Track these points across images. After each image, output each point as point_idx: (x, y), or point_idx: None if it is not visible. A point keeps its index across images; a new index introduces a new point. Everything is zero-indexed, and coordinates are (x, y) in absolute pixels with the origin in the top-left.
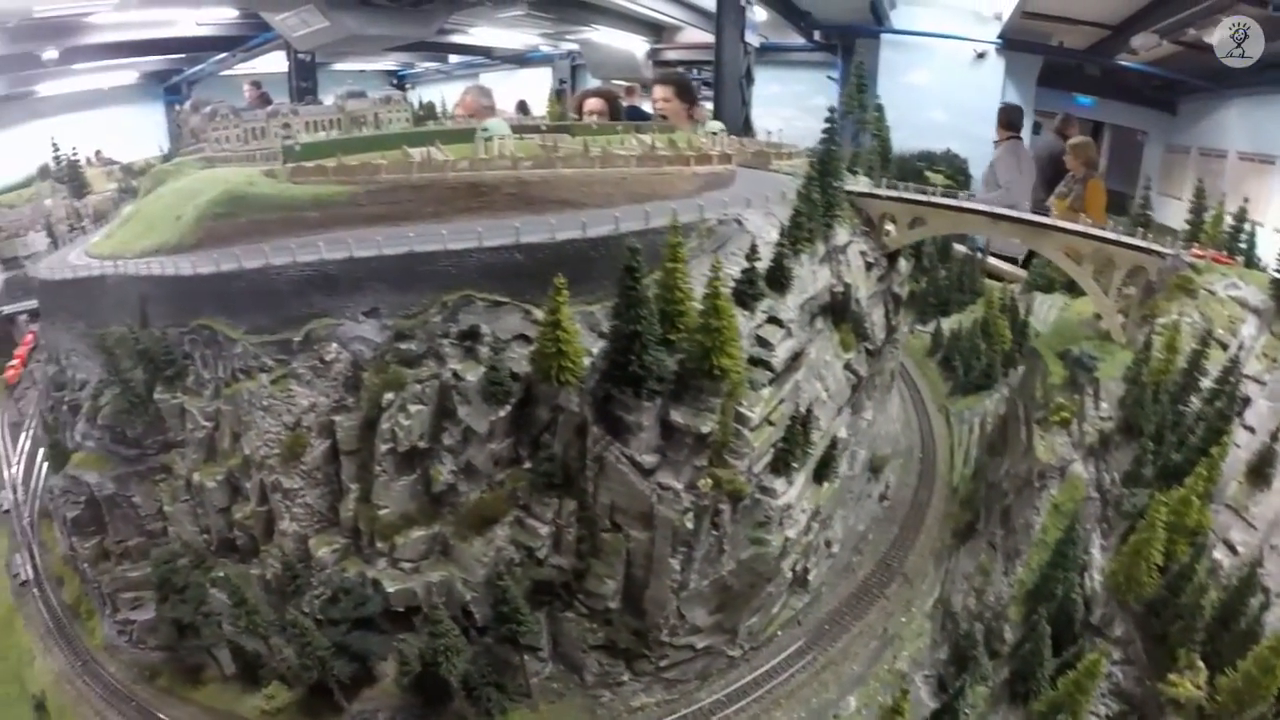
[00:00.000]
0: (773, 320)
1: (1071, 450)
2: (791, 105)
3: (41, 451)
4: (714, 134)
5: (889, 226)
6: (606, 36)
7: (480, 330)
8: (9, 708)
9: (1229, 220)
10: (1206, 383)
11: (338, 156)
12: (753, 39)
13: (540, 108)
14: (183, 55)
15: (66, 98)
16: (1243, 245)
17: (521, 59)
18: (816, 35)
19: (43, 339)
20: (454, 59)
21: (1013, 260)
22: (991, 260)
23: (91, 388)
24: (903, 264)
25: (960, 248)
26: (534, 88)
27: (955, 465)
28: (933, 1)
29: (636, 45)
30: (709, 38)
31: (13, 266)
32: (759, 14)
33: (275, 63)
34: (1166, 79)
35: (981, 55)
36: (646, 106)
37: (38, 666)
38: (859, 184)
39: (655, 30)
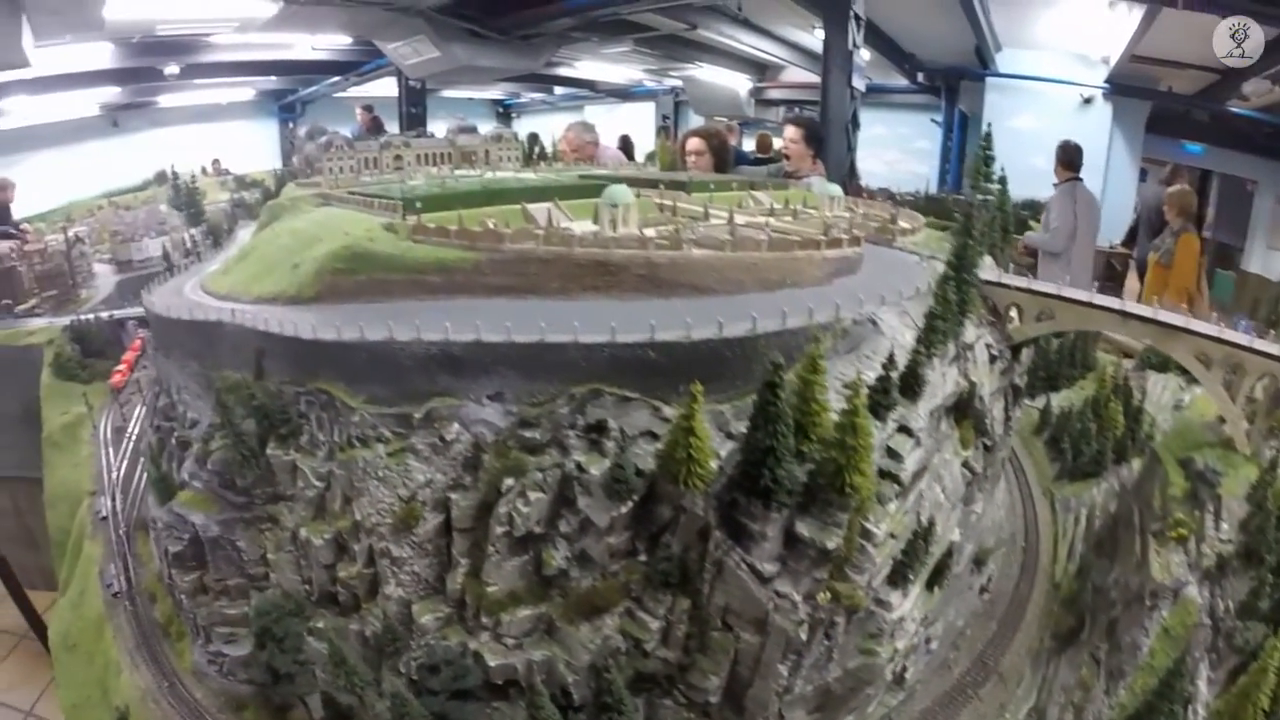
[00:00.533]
0: (903, 429)
1: (1187, 571)
2: (895, 148)
3: (141, 462)
4: (832, 198)
5: (1014, 314)
6: (710, 74)
7: (608, 425)
8: (91, 710)
9: None
10: None
11: (458, 214)
12: (859, 83)
13: (643, 142)
14: (298, 76)
15: (185, 110)
16: None
17: (625, 93)
18: (920, 77)
19: (154, 368)
20: (559, 90)
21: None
22: None
23: (202, 430)
24: (1025, 354)
25: None
26: (637, 122)
27: (1059, 557)
28: (1039, 44)
29: (740, 83)
30: (812, 77)
31: (125, 270)
32: (864, 55)
33: (386, 88)
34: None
35: (1088, 100)
36: (747, 145)
37: (124, 680)
38: (984, 266)
39: (759, 69)
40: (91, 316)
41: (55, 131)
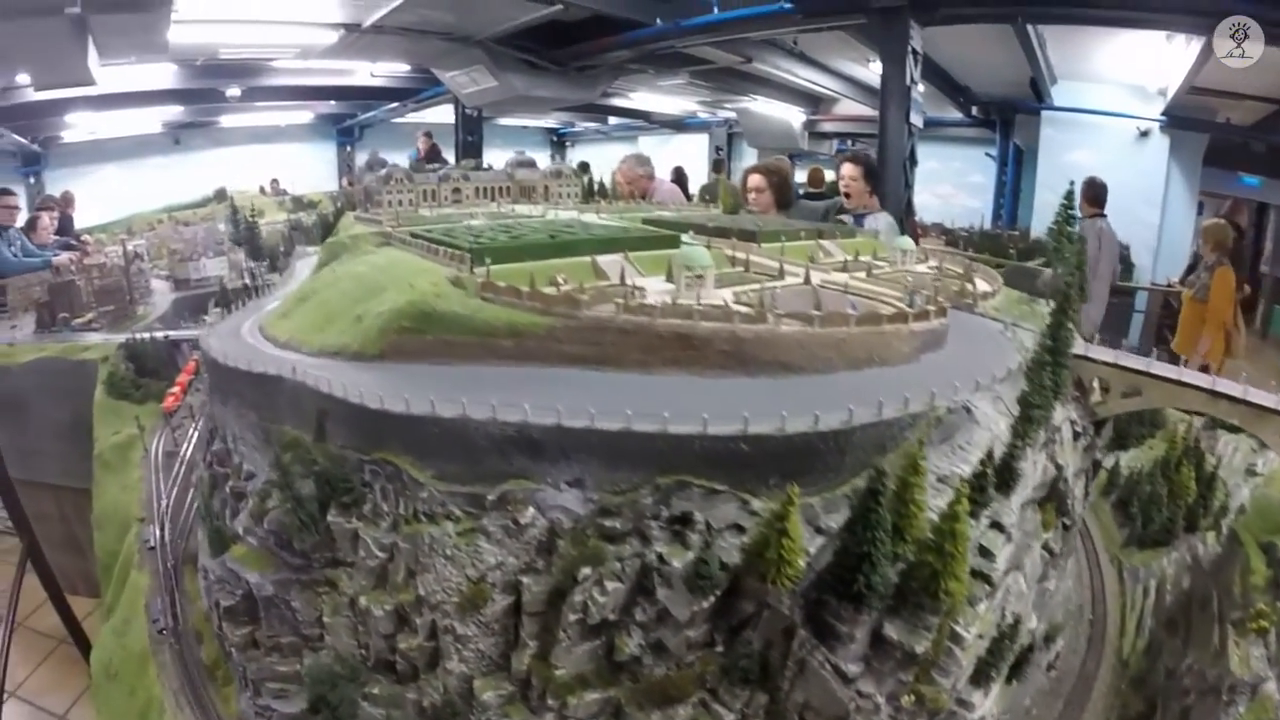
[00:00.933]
0: (995, 525)
1: (1267, 666)
2: (949, 182)
3: (191, 493)
4: (905, 251)
5: (1096, 386)
6: (764, 106)
7: (693, 517)
8: None
9: None
10: None
11: (528, 272)
12: (917, 119)
13: (696, 172)
14: (356, 101)
15: (245, 130)
16: None
17: (679, 124)
18: (974, 110)
19: (209, 408)
20: (613, 120)
21: None
22: None
23: (259, 484)
24: (1107, 428)
25: None
26: (691, 153)
27: (1127, 631)
28: (1095, 77)
29: (794, 116)
30: (865, 110)
31: (182, 288)
32: (920, 90)
33: (442, 114)
34: None
35: (1145, 133)
36: (798, 178)
37: None
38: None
39: (812, 101)
40: (147, 335)
41: (119, 146)
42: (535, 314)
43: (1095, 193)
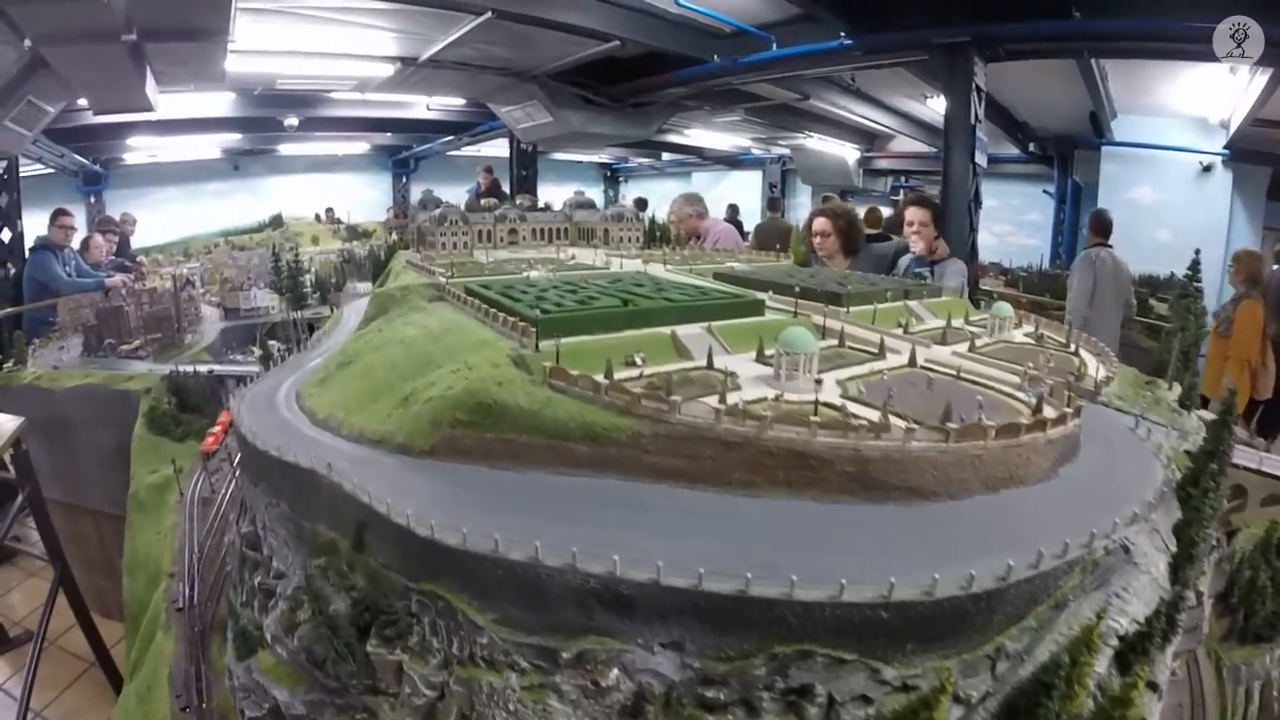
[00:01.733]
0: (1150, 685)
1: None
2: (1006, 220)
3: (225, 550)
4: (1004, 318)
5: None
6: (819, 143)
7: (814, 689)
8: None
9: None
10: None
11: (605, 357)
12: (981, 159)
13: (751, 211)
14: (412, 134)
15: (302, 159)
16: None
17: (733, 161)
18: (1031, 146)
19: (240, 485)
20: (666, 156)
21: None
22: None
23: (289, 589)
24: (1240, 538)
25: None
26: (745, 190)
27: None
28: (1155, 110)
29: (848, 153)
30: (920, 147)
31: (232, 317)
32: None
33: (496, 148)
34: None
35: (1208, 168)
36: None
37: None
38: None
39: (867, 138)
40: (191, 369)
41: (180, 170)
42: (615, 414)
43: (1101, 224)
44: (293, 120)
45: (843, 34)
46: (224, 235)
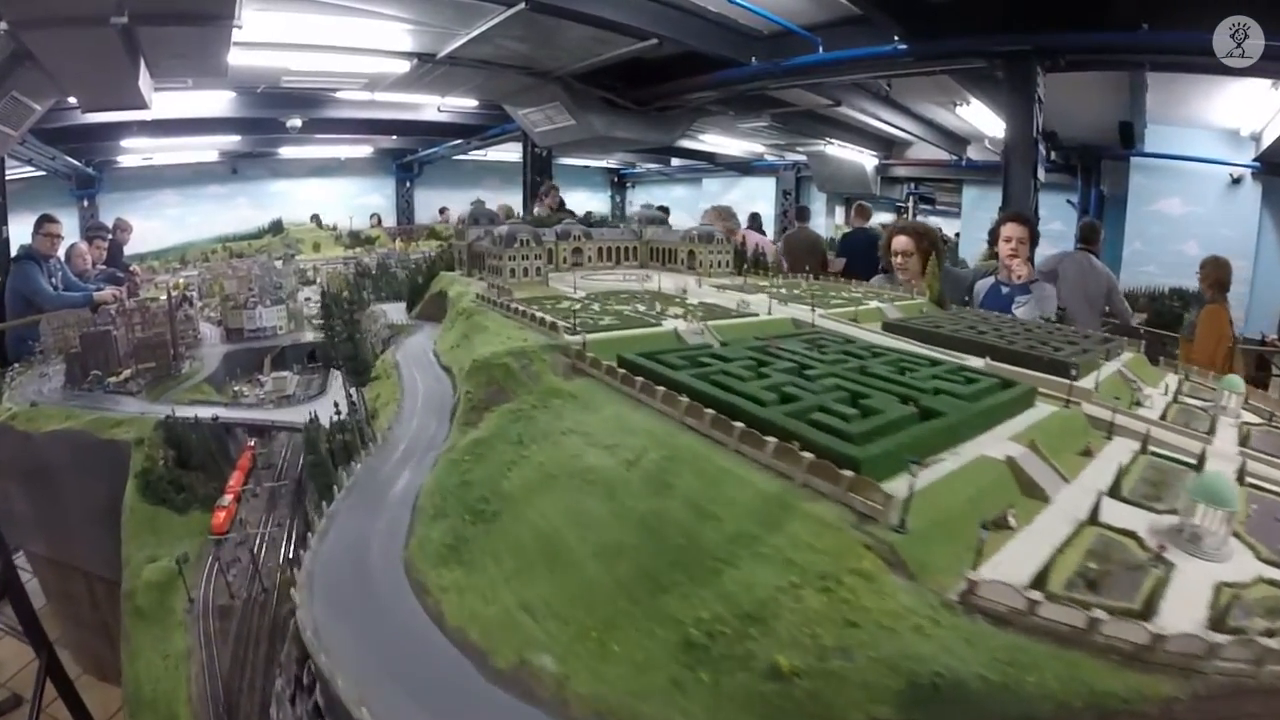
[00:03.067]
0: None
1: None
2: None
3: (248, 688)
4: (1236, 392)
5: None
6: (837, 150)
7: None
8: None
9: None
10: None
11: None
12: (1041, 174)
13: (765, 220)
14: (419, 137)
15: (304, 163)
16: None
17: (745, 167)
18: (1053, 155)
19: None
20: (676, 161)
21: None
22: None
23: None
24: None
25: None
26: (758, 197)
27: None
28: (1187, 121)
29: (866, 160)
30: (939, 155)
31: (235, 339)
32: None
33: (505, 153)
34: None
35: (1237, 180)
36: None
37: None
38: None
39: (885, 145)
40: (192, 416)
41: (176, 174)
42: (1103, 660)
43: (1086, 234)
44: (296, 121)
45: (896, 38)
46: (222, 242)
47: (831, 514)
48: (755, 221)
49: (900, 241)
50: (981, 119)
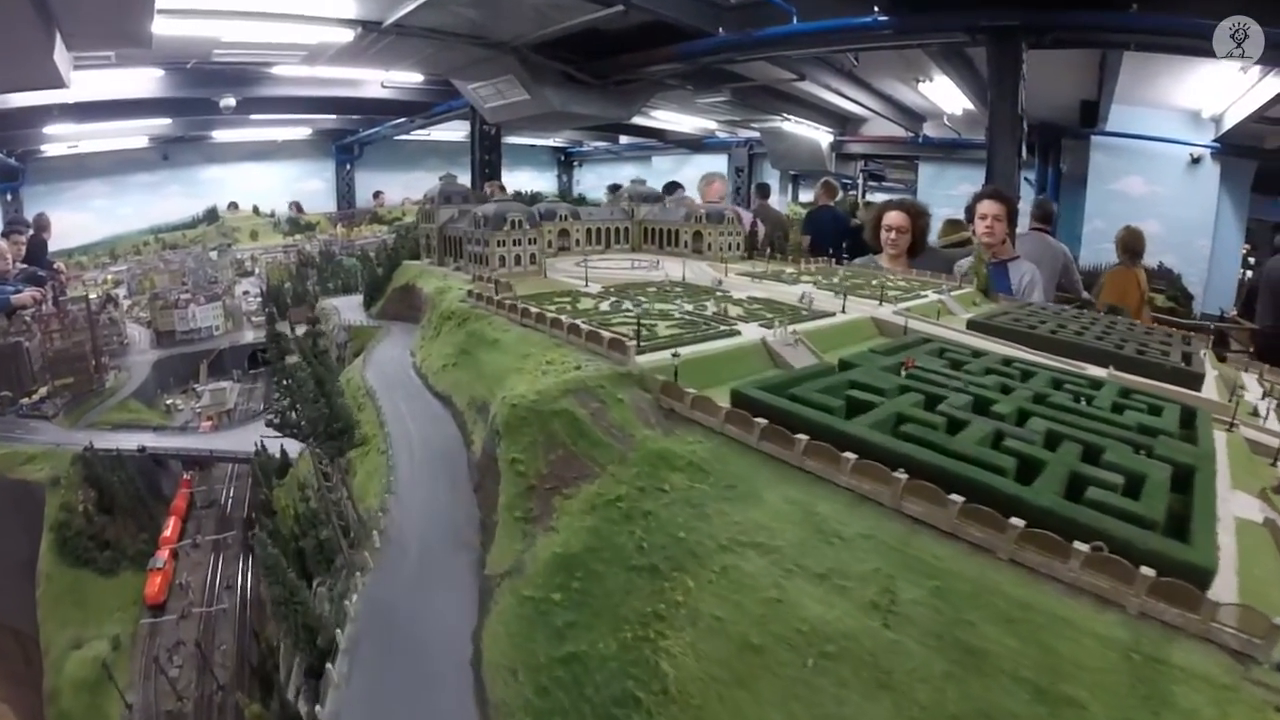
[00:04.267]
0: None
1: None
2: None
3: None
4: None
5: None
6: (794, 126)
7: None
8: None
9: None
10: None
11: None
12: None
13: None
14: (359, 116)
15: (238, 147)
16: None
17: (696, 144)
18: None
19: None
20: (624, 139)
21: None
22: None
23: None
24: None
25: None
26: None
27: None
28: (1151, 102)
29: (822, 136)
30: (893, 131)
31: (167, 344)
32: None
33: (448, 131)
34: None
35: (1197, 160)
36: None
37: None
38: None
39: (841, 121)
40: (114, 449)
41: (103, 162)
42: None
43: (1042, 211)
44: (230, 101)
45: (877, 9)
46: (154, 233)
47: (1214, 665)
48: (764, 191)
49: (895, 218)
50: (942, 96)
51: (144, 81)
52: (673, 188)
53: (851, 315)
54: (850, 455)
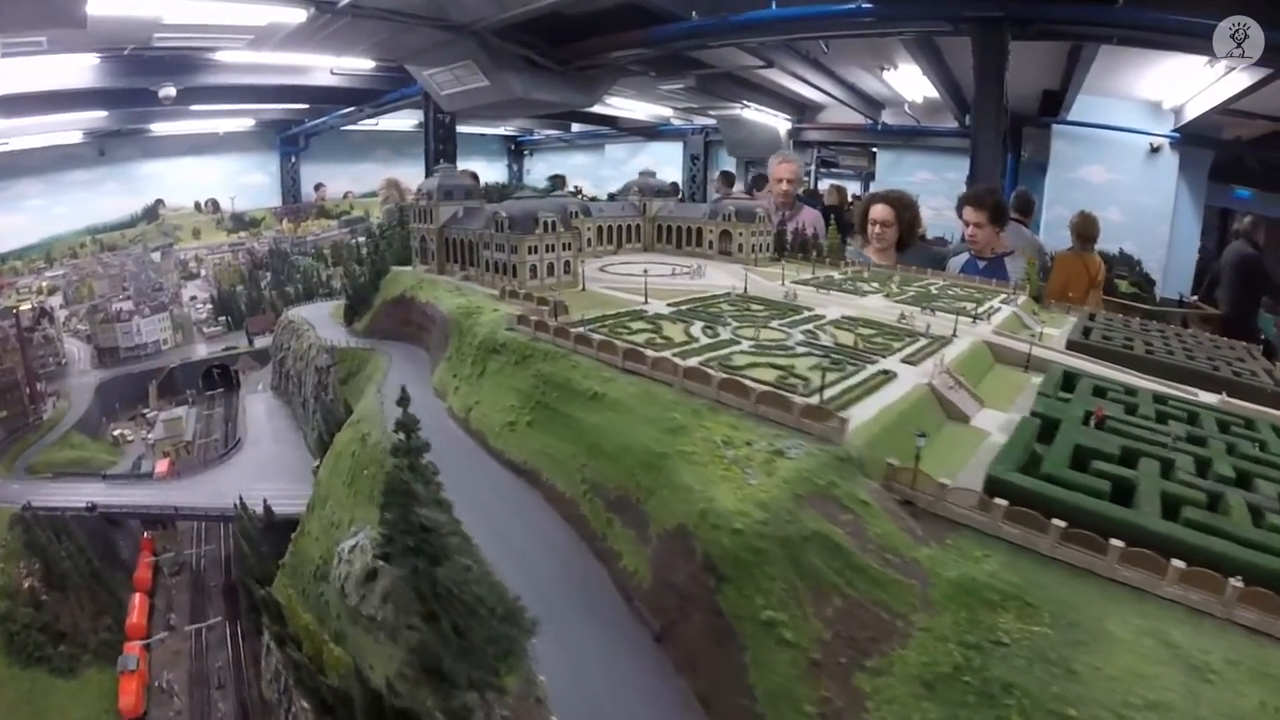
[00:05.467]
0: None
1: None
2: (943, 194)
3: None
4: None
5: None
6: (753, 114)
7: None
8: None
9: None
10: None
11: None
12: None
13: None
14: (306, 106)
15: (179, 140)
16: None
17: (650, 131)
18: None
19: None
20: (576, 127)
21: None
22: None
23: None
24: None
25: None
26: (666, 163)
27: None
28: (1113, 92)
29: (780, 124)
30: (850, 118)
31: (110, 362)
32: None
33: (397, 120)
34: None
35: (1156, 149)
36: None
37: None
38: None
39: (799, 109)
40: (59, 508)
41: (36, 159)
42: None
43: (1021, 204)
44: (170, 90)
45: None
46: (91, 234)
47: None
48: (729, 180)
49: (880, 211)
50: (904, 84)
51: (78, 70)
52: (730, 178)
53: (967, 342)
54: (1179, 563)
